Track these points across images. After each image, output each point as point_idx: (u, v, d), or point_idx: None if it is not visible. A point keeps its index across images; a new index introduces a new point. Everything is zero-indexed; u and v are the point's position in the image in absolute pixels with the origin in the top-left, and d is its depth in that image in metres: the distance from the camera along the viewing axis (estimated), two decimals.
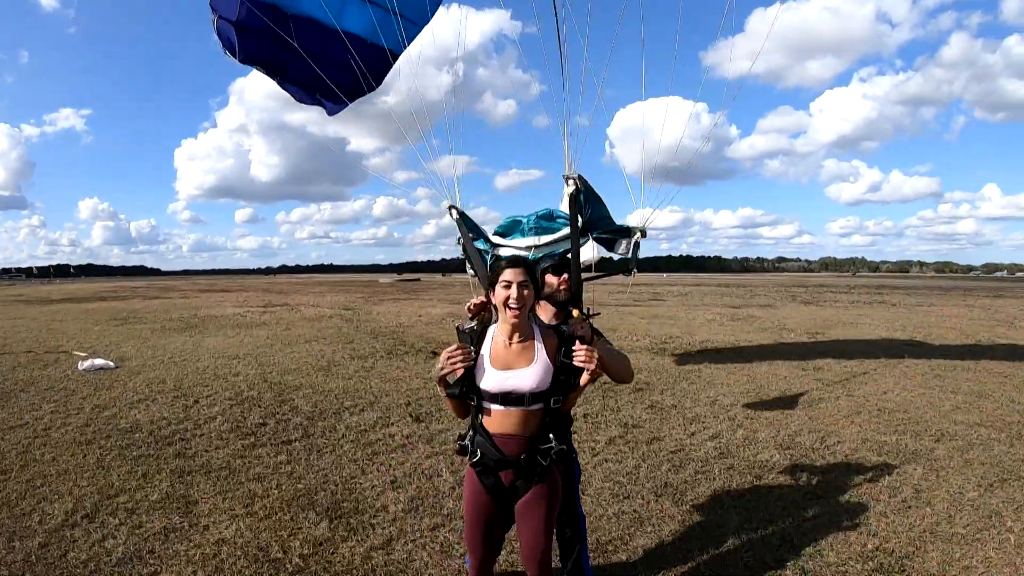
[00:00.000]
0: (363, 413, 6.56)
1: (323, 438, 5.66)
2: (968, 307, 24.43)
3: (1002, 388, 8.09)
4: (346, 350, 11.04)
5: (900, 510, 4.16)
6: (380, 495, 4.38)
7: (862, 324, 16.90)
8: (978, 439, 5.77)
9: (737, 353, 11.27)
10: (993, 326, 16.46)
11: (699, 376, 8.81)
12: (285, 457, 5.13)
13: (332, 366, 9.37)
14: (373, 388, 7.80)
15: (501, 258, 2.63)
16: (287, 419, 6.23)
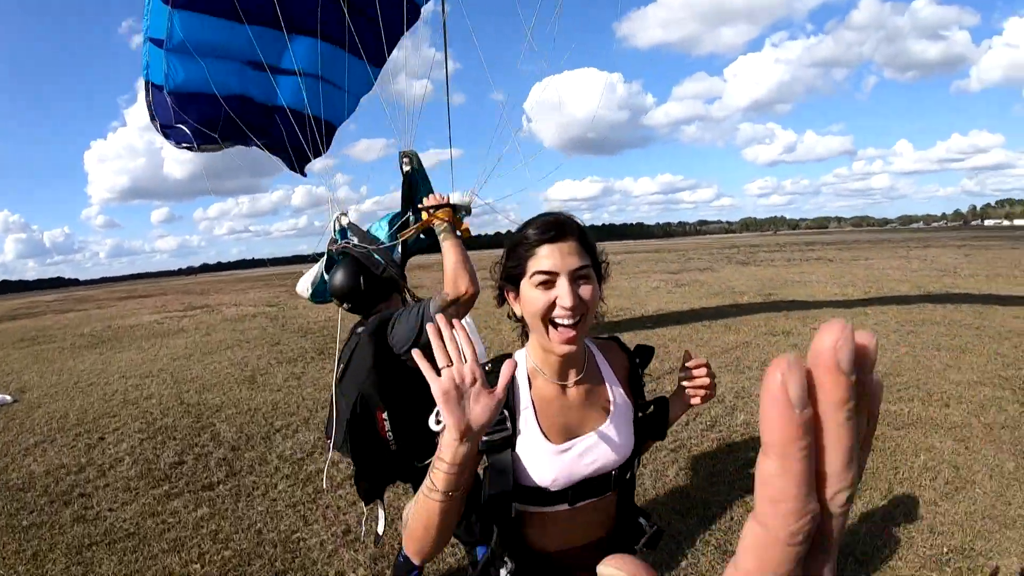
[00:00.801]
0: (298, 435, 5.93)
1: (252, 475, 4.99)
2: (904, 259, 26.18)
3: (980, 341, 8.35)
4: (272, 354, 10.53)
5: (947, 495, 3.93)
6: (332, 556, 3.63)
7: (810, 282, 17.50)
8: (987, 400, 5.75)
9: (696, 321, 11.19)
10: (939, 276, 17.55)
11: (667, 352, 8.51)
12: (207, 510, 4.37)
13: (257, 375, 8.81)
14: (307, 400, 7.22)
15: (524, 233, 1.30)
16: (207, 453, 5.59)
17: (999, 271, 18.59)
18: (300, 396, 7.44)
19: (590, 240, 1.34)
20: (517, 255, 1.31)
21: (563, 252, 1.26)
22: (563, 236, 1.28)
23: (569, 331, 1.26)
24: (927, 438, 4.90)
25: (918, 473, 4.27)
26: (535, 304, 1.28)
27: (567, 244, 1.27)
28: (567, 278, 1.25)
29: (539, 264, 1.27)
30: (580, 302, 1.25)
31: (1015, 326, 9.34)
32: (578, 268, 1.26)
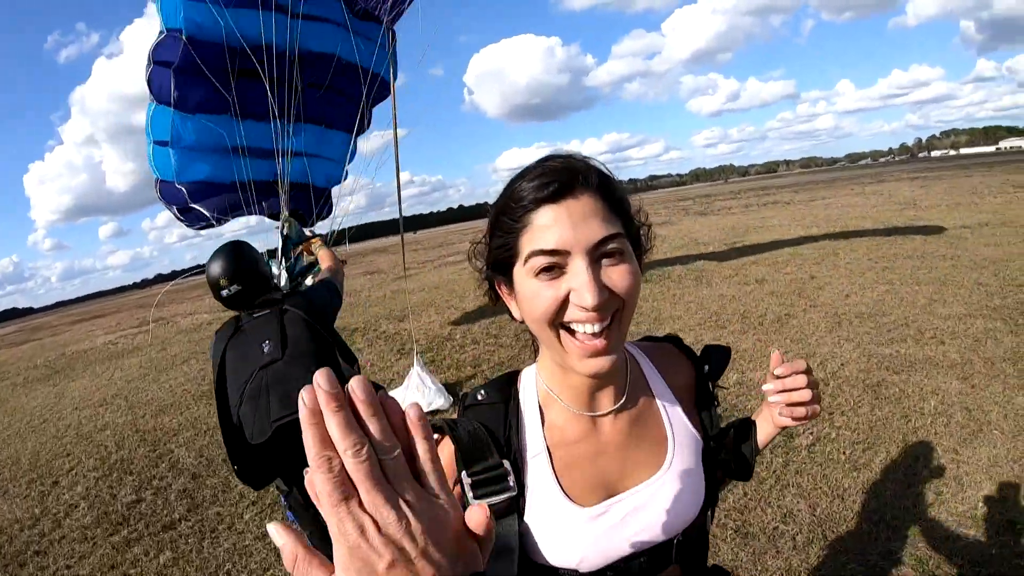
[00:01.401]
0: None
1: (216, 506, 4.75)
2: (861, 195, 27.07)
3: (957, 271, 8.55)
4: None
5: (965, 441, 3.88)
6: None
7: (772, 227, 17.83)
8: (981, 333, 5.82)
9: (665, 276, 11.16)
10: (900, 210, 18.14)
11: (640, 312, 8.36)
12: (170, 554, 4.10)
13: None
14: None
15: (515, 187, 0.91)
16: (167, 485, 5.40)
17: (958, 200, 19.34)
18: None
19: (619, 192, 0.92)
20: (503, 226, 0.90)
21: (575, 216, 0.84)
22: (572, 189, 0.85)
23: (596, 340, 0.85)
24: (930, 380, 4.87)
25: (930, 420, 4.21)
26: (538, 303, 0.86)
27: (581, 202, 0.85)
28: (585, 258, 0.83)
29: (537, 239, 0.85)
30: (610, 296, 0.84)
31: (989, 254, 9.62)
32: (602, 240, 0.83)
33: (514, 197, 0.88)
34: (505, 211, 0.90)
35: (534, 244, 0.85)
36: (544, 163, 0.90)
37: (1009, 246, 10.15)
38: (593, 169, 0.89)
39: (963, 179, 30.30)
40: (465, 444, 0.92)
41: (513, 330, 8.32)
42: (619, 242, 0.85)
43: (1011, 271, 8.21)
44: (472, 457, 0.91)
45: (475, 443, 0.92)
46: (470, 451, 0.91)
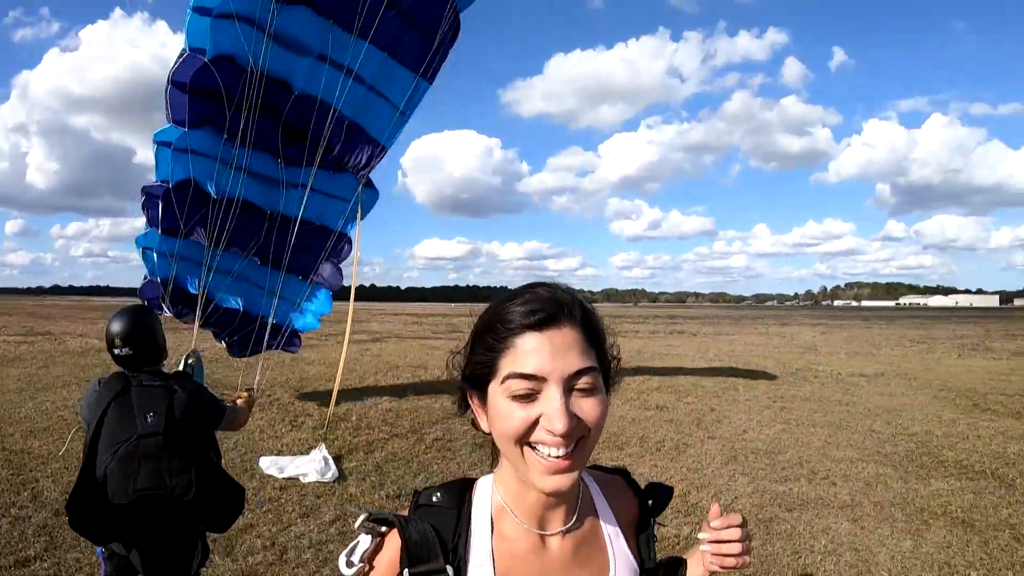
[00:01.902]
0: None
1: (76, 551, 4.43)
2: (764, 335, 28.94)
3: (853, 418, 9.19)
4: None
5: None
6: None
7: (677, 355, 18.67)
8: (871, 477, 6.22)
9: None
10: (801, 353, 19.48)
11: None
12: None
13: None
14: None
15: (507, 305, 1.01)
16: (26, 517, 5.06)
17: (857, 349, 21.01)
18: None
19: (598, 326, 1.00)
20: (486, 344, 0.97)
21: (556, 346, 0.92)
22: (558, 320, 0.93)
23: (559, 460, 0.92)
24: (821, 519, 5.11)
25: (820, 558, 4.39)
26: (508, 423, 0.92)
27: (564, 334, 0.93)
28: (559, 387, 0.90)
29: (518, 363, 0.92)
30: (577, 424, 0.91)
31: (883, 403, 10.43)
32: (578, 372, 0.91)
33: (501, 319, 0.95)
34: (490, 330, 0.96)
35: (514, 366, 0.91)
36: (533, 290, 0.97)
37: (902, 396, 11.06)
38: (577, 303, 0.97)
39: (863, 330, 33.05)
40: (413, 543, 0.98)
41: (410, 423, 8.26)
42: (592, 375, 0.92)
43: (903, 420, 8.91)
44: (418, 557, 0.97)
45: (423, 544, 0.98)
46: (417, 551, 0.97)
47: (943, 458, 6.94)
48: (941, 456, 7.02)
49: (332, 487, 5.78)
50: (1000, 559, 4.36)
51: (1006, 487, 5.90)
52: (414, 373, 13.51)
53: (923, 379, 13.35)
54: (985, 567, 4.25)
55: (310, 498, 5.42)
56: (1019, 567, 4.22)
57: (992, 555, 4.43)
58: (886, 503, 5.47)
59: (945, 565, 4.28)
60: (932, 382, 12.88)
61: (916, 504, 5.44)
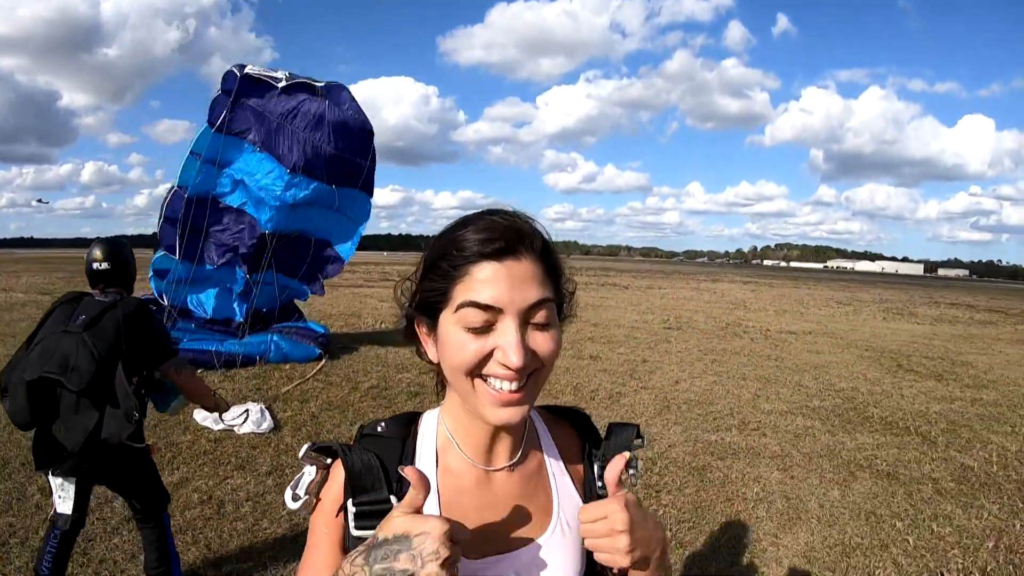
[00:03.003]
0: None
1: (8, 515, 4.30)
2: (695, 290, 29.74)
3: (781, 372, 9.57)
4: None
5: (785, 526, 4.26)
6: None
7: (609, 307, 18.99)
8: (800, 429, 6.50)
9: None
10: (731, 309, 20.12)
11: None
12: None
13: None
14: None
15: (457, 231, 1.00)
16: None
17: (785, 307, 21.84)
18: None
19: (555, 258, 0.99)
20: (439, 271, 0.94)
21: (514, 277, 0.90)
22: (516, 251, 0.91)
23: (511, 394, 0.91)
24: (753, 468, 5.32)
25: (752, 505, 4.58)
26: (460, 354, 0.90)
27: (522, 265, 0.91)
28: (516, 319, 0.89)
29: (473, 292, 0.89)
30: (532, 359, 0.90)
31: (811, 359, 10.90)
32: (535, 304, 0.90)
33: (457, 245, 0.92)
34: (444, 256, 0.93)
35: (469, 295, 0.89)
36: (491, 217, 0.94)
37: (829, 354, 11.57)
38: (537, 233, 0.96)
39: (792, 289, 34.37)
40: (356, 472, 0.97)
41: (344, 372, 8.19)
42: (548, 308, 0.91)
43: (830, 377, 9.33)
44: (361, 487, 0.96)
45: (366, 473, 0.97)
46: (360, 481, 0.97)
47: (868, 414, 7.30)
48: (867, 412, 7.38)
49: (268, 438, 5.69)
50: (924, 511, 4.64)
51: (928, 444, 6.26)
52: (347, 321, 13.33)
53: (849, 339, 13.99)
54: (910, 517, 4.51)
55: (246, 449, 5.31)
56: (942, 519, 4.50)
57: (916, 506, 4.70)
58: (814, 454, 5.73)
59: (871, 514, 4.53)
60: (858, 342, 13.52)
61: (843, 456, 5.71)
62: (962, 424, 7.03)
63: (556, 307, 0.95)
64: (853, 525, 4.34)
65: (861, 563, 3.82)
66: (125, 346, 2.85)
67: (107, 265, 3.10)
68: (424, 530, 0.78)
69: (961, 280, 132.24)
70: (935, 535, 4.25)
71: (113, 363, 2.80)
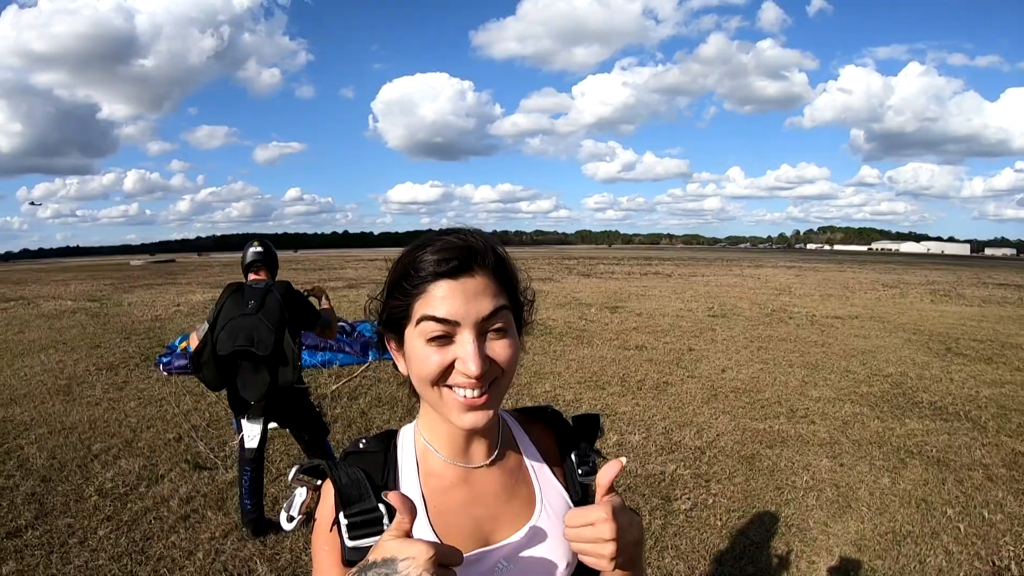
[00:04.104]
0: (119, 462, 5.44)
1: (67, 516, 4.41)
2: (739, 277, 29.30)
3: (828, 358, 9.40)
4: (92, 358, 10.16)
5: (835, 515, 4.22)
6: None
7: (653, 296, 18.86)
8: (849, 416, 6.40)
9: (546, 332, 11.44)
10: (776, 295, 19.78)
11: (521, 365, 8.41)
12: (14, 565, 3.78)
13: (74, 385, 8.32)
14: (129, 417, 6.80)
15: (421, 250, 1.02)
16: (14, 486, 4.99)
17: (830, 292, 21.39)
18: (123, 411, 6.97)
19: (510, 270, 1.04)
20: (401, 290, 1.00)
21: (468, 292, 0.96)
22: (470, 268, 0.97)
23: (475, 399, 0.96)
24: (802, 456, 5.27)
25: (802, 494, 4.55)
26: (424, 366, 0.96)
27: (476, 281, 0.96)
28: (472, 330, 0.95)
29: (432, 307, 0.95)
30: (491, 366, 0.96)
31: (858, 344, 10.67)
32: (490, 315, 0.96)
33: (415, 266, 0.97)
34: (404, 277, 0.99)
35: (427, 309, 0.95)
36: (446, 237, 0.99)
37: (877, 339, 11.32)
38: (490, 249, 1.00)
39: (836, 273, 33.60)
40: (343, 486, 1.01)
41: (392, 368, 8.34)
42: (504, 317, 0.97)
43: (878, 362, 9.14)
44: (349, 499, 1.00)
45: (353, 486, 1.01)
46: (348, 493, 1.00)
47: (918, 399, 7.14)
48: (916, 397, 7.23)
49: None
50: (975, 497, 4.54)
51: (979, 429, 6.10)
52: None
53: (896, 322, 13.65)
54: (960, 505, 4.42)
55: (296, 448, 5.42)
56: (993, 505, 4.40)
57: (967, 493, 4.61)
58: (864, 441, 5.64)
59: (923, 502, 4.45)
60: (905, 325, 13.18)
61: (892, 443, 5.62)
62: (1013, 408, 6.83)
63: (513, 315, 1.01)
64: (903, 513, 4.28)
65: (912, 551, 3.77)
66: (288, 316, 3.76)
67: (262, 250, 4.10)
68: (411, 554, 0.79)
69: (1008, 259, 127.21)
70: (986, 522, 4.16)
71: (281, 331, 3.70)
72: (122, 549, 3.91)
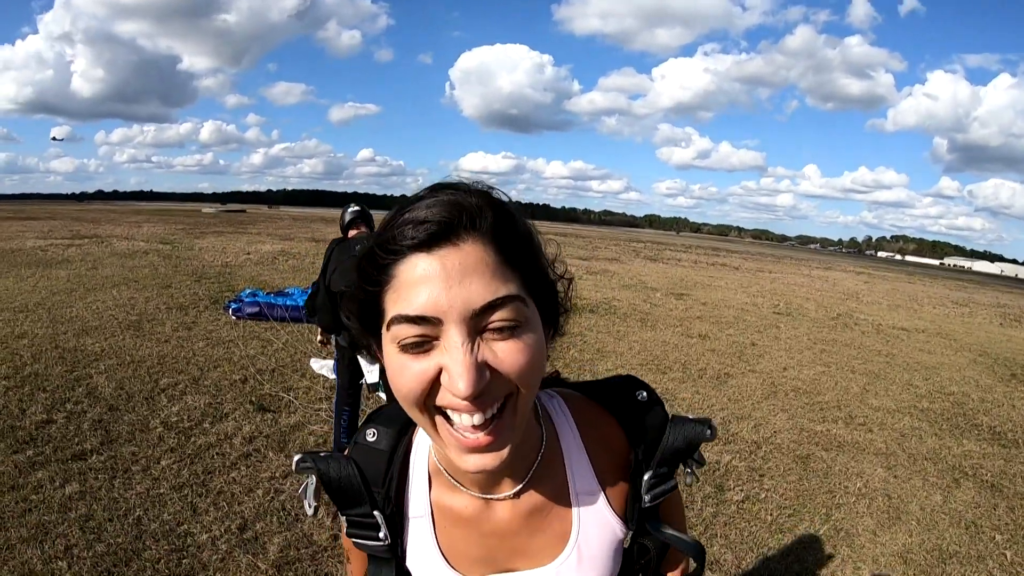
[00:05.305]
0: (185, 397, 5.62)
1: (131, 444, 4.59)
2: (807, 277, 28.54)
3: (892, 369, 9.20)
4: (162, 298, 10.37)
5: (884, 525, 4.24)
6: (226, 560, 3.27)
7: (719, 287, 18.63)
8: (907, 429, 6.32)
9: (611, 312, 11.55)
10: (843, 299, 19.26)
11: (585, 342, 8.68)
12: (77, 487, 3.88)
13: (144, 321, 8.57)
14: (197, 356, 7.00)
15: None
16: (81, 412, 5.16)
17: (899, 302, 20.70)
18: (191, 350, 7.15)
19: (522, 238, 0.71)
20: (366, 276, 0.69)
21: (451, 271, 0.64)
22: (455, 233, 0.65)
23: (477, 433, 0.67)
24: (857, 463, 5.26)
25: (854, 499, 4.57)
26: (402, 383, 0.67)
27: (463, 252, 0.65)
28: (461, 329, 0.64)
29: (402, 301, 0.65)
30: (493, 380, 0.65)
31: (922, 359, 10.39)
32: (488, 306, 0.64)
33: (385, 236, 0.68)
34: (370, 256, 0.69)
35: (397, 306, 0.66)
36: (433, 193, 0.69)
37: (942, 355, 10.99)
38: (487, 207, 0.68)
39: (905, 284, 32.40)
40: (333, 486, 0.85)
41: None
42: (511, 308, 0.65)
43: (941, 379, 8.91)
44: (343, 501, 0.85)
45: (345, 487, 0.85)
46: (340, 496, 0.85)
47: (978, 421, 6.98)
48: (976, 419, 7.06)
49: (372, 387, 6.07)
50: None
51: None
52: None
53: (963, 341, 13.18)
54: (1009, 532, 4.37)
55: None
56: None
57: (1017, 521, 4.54)
58: (919, 456, 5.59)
59: (972, 524, 4.41)
60: (972, 346, 12.71)
61: (948, 461, 5.54)
62: None
63: (533, 303, 0.70)
64: (952, 532, 4.26)
65: (957, 571, 3.77)
66: None
67: (359, 209, 4.45)
68: None
69: None
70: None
71: None
72: (183, 480, 4.07)
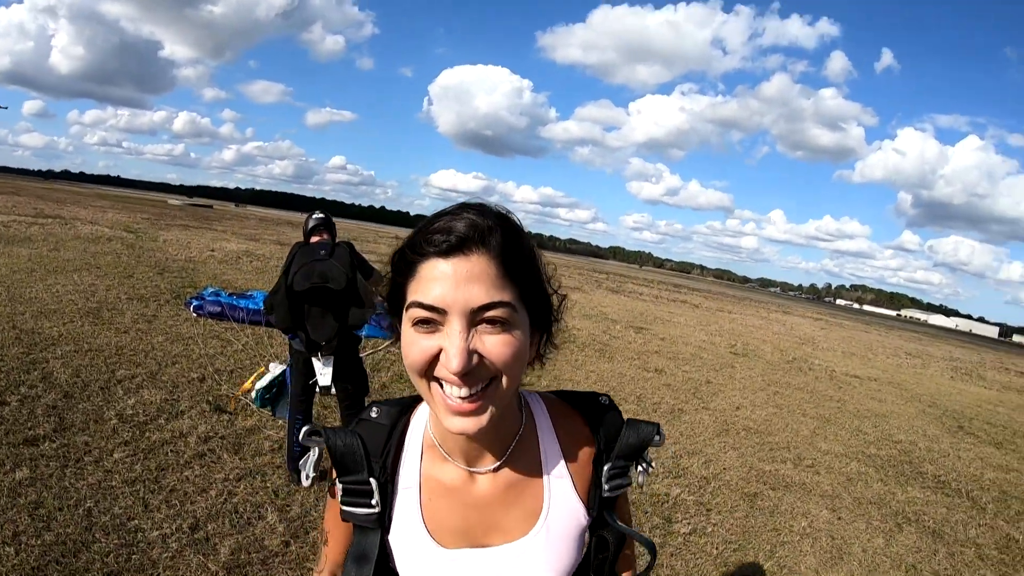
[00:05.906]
0: (142, 391, 5.50)
1: (85, 434, 4.48)
2: (766, 319, 29.08)
3: (842, 415, 9.37)
4: (124, 287, 10.26)
5: (827, 565, 4.28)
6: (175, 559, 3.18)
7: (678, 323, 18.84)
8: (854, 474, 6.41)
9: (570, 341, 11.48)
10: (799, 344, 19.63)
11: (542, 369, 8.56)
12: (28, 472, 3.79)
13: (104, 310, 8.42)
14: (156, 350, 6.88)
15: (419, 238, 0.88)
16: (36, 396, 5.05)
17: (853, 350, 21.17)
18: (150, 343, 7.04)
19: (522, 253, 0.88)
20: (397, 268, 0.90)
21: (459, 275, 0.82)
22: (466, 247, 0.83)
23: (463, 402, 0.84)
24: (803, 503, 5.31)
25: (798, 538, 4.60)
26: (411, 354, 0.85)
27: (471, 262, 0.82)
28: (461, 320, 0.82)
29: (419, 291, 0.84)
30: (479, 364, 0.83)
31: (873, 407, 10.60)
32: (484, 306, 0.82)
33: (416, 239, 0.87)
34: (402, 253, 0.89)
35: (415, 294, 0.84)
36: (446, 214, 0.87)
37: (891, 404, 11.23)
38: (497, 230, 0.86)
39: (862, 332, 33.18)
40: (338, 454, 0.98)
41: None
42: (503, 310, 0.83)
43: (889, 427, 9.09)
44: (344, 468, 0.98)
45: (347, 454, 0.97)
46: (342, 462, 0.98)
47: (923, 470, 7.11)
48: (921, 468, 7.20)
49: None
50: (963, 573, 4.56)
51: (978, 509, 6.08)
52: None
53: (914, 392, 13.51)
54: None
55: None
56: None
57: (956, 568, 4.62)
58: (864, 500, 5.66)
59: (912, 568, 4.48)
60: (922, 396, 13.04)
61: (892, 507, 5.63)
62: (1014, 496, 6.77)
63: (525, 311, 0.87)
64: (893, 575, 4.32)
65: None
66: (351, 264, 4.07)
67: (324, 216, 4.51)
68: None
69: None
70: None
71: (353, 272, 4.01)
72: (136, 475, 3.97)
